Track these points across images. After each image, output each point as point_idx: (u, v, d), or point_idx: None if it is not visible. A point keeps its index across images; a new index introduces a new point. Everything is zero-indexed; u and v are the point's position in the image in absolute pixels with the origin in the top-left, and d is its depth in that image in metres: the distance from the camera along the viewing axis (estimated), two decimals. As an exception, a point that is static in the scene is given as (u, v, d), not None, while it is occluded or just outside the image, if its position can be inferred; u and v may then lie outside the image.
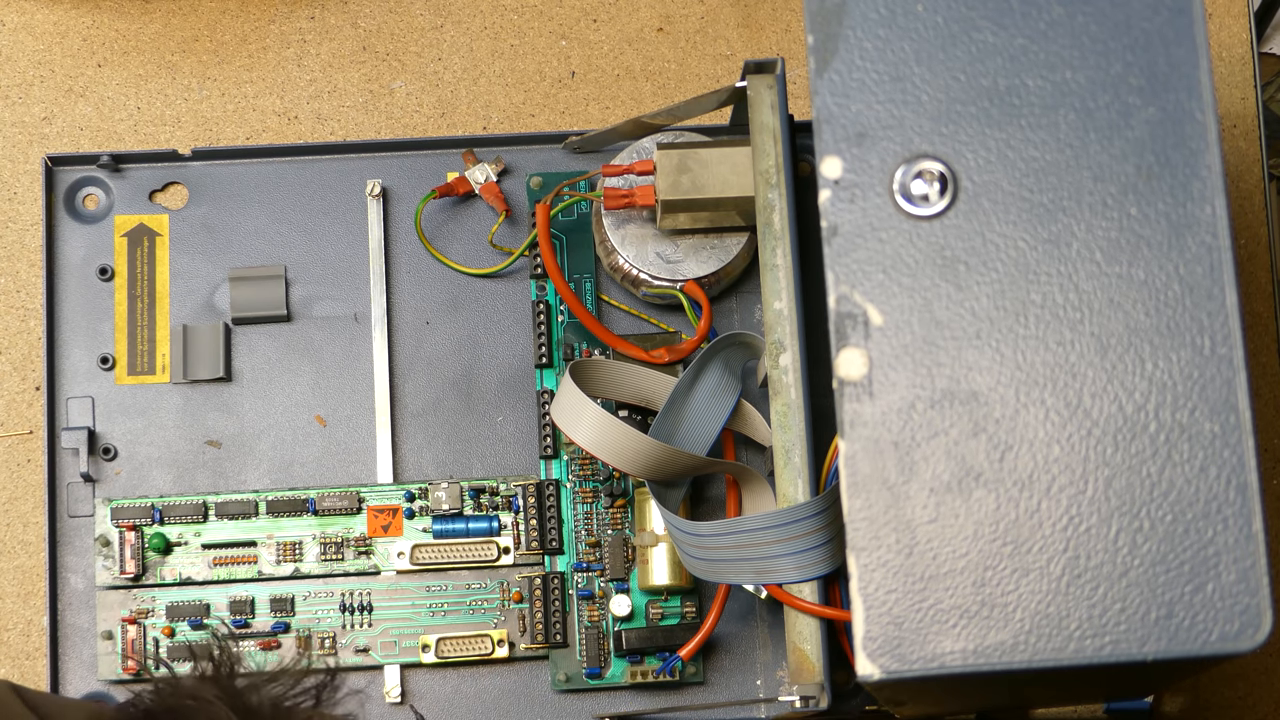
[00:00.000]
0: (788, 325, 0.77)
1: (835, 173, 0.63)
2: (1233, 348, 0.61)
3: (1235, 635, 0.60)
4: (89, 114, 0.89)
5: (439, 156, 0.87)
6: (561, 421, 0.78)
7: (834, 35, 0.64)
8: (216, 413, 0.85)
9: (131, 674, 0.82)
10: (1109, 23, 0.64)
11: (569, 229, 0.86)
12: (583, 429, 0.77)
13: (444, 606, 0.83)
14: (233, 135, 0.89)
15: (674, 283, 0.83)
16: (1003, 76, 0.63)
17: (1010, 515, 0.61)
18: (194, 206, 0.87)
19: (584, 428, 0.77)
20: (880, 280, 0.62)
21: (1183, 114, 0.63)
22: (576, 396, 0.77)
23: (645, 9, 0.91)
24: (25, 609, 0.84)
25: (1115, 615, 0.60)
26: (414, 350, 0.86)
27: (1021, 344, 0.62)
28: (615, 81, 0.90)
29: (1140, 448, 0.61)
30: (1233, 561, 0.60)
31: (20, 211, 0.87)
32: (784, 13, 0.91)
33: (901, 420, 0.62)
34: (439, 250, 0.86)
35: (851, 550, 0.61)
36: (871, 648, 0.60)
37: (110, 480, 0.84)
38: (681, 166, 0.80)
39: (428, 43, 0.90)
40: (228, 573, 0.83)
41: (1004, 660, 0.60)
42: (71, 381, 0.85)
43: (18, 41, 0.89)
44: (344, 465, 0.85)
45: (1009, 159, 0.63)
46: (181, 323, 0.85)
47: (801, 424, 0.75)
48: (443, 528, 0.83)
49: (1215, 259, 0.62)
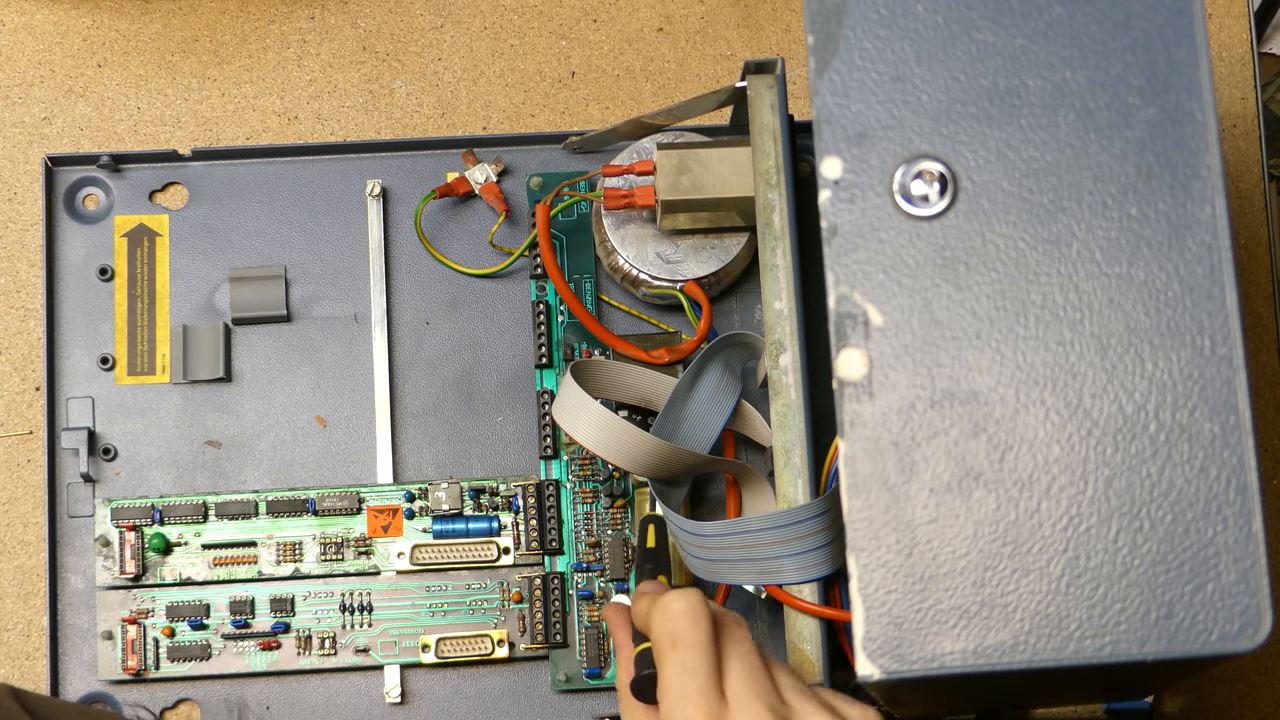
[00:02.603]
0: (788, 325, 0.77)
1: (835, 173, 0.63)
2: (1233, 348, 0.61)
3: (1235, 635, 0.60)
4: (89, 114, 0.89)
5: (439, 156, 0.87)
6: (563, 420, 0.78)
7: (834, 35, 0.64)
8: (216, 413, 0.85)
9: (131, 674, 0.82)
10: (1109, 23, 0.64)
11: (569, 229, 0.86)
12: (584, 427, 0.77)
13: (444, 606, 0.83)
14: (233, 135, 0.89)
15: (674, 283, 0.83)
16: (1003, 76, 0.63)
17: (1010, 515, 0.61)
18: (194, 206, 0.87)
19: (585, 426, 0.77)
20: (880, 280, 0.62)
21: (1183, 114, 0.63)
22: (578, 395, 0.77)
23: (645, 9, 0.91)
24: (25, 609, 0.84)
25: (1115, 615, 0.60)
26: (414, 350, 0.86)
27: (1021, 344, 0.62)
28: (615, 81, 0.90)
29: (1140, 448, 0.61)
30: (1233, 561, 0.60)
31: (20, 211, 0.87)
32: (784, 13, 0.91)
33: (901, 420, 0.62)
34: (439, 250, 0.86)
35: (851, 550, 0.61)
36: (871, 648, 0.60)
37: (110, 480, 0.84)
38: (681, 167, 0.80)
39: (428, 43, 0.90)
40: (228, 573, 0.83)
41: (1004, 660, 0.60)
42: (71, 381, 0.85)
43: (18, 41, 0.89)
44: (344, 465, 0.85)
45: (1009, 159, 0.63)
46: (181, 323, 0.85)
47: (801, 424, 0.75)
48: (443, 528, 0.83)
49: (1215, 259, 0.62)
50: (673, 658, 0.66)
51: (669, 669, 0.66)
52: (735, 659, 0.66)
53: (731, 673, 0.66)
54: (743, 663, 0.66)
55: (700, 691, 0.65)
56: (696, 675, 0.65)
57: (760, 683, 0.66)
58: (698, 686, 0.65)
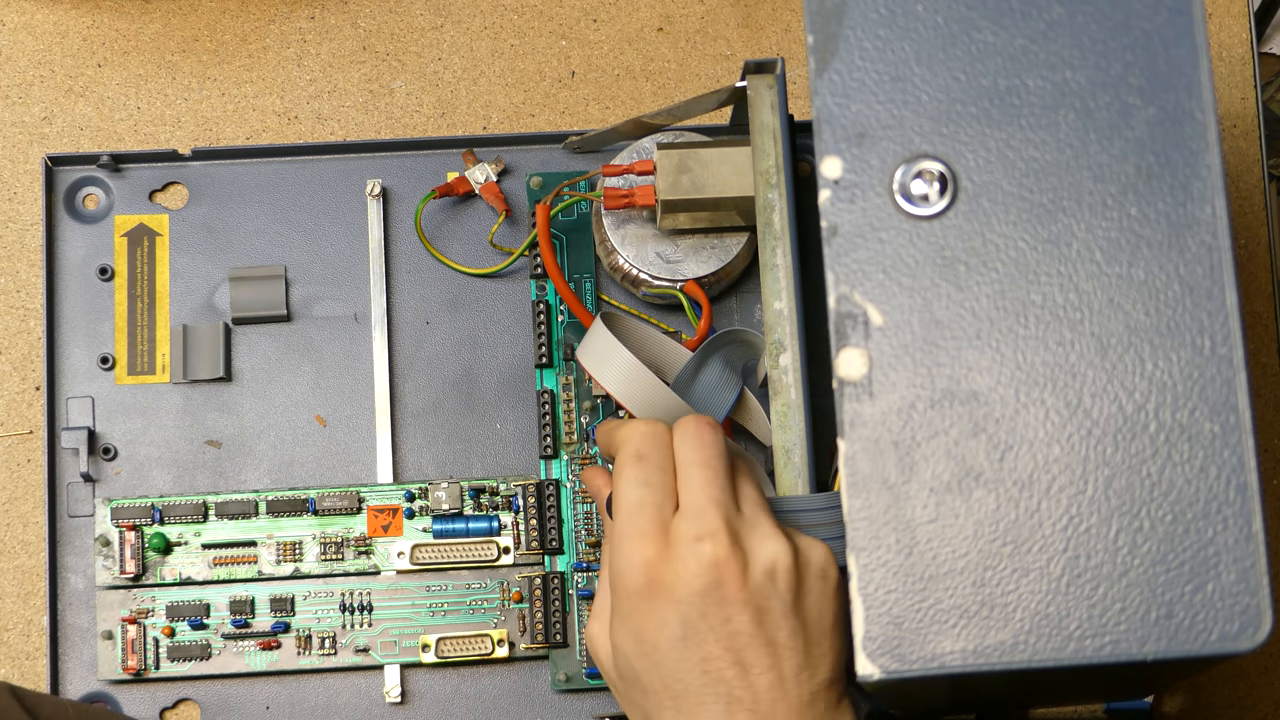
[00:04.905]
0: (788, 325, 0.77)
1: (835, 173, 0.63)
2: (1233, 348, 0.61)
3: (1235, 635, 0.60)
4: (89, 114, 0.89)
5: (439, 156, 0.87)
6: (589, 364, 0.78)
7: (834, 35, 0.64)
8: (216, 413, 0.85)
9: (131, 674, 0.82)
10: (1109, 23, 0.64)
11: (569, 229, 0.86)
12: (612, 373, 0.77)
13: (444, 606, 0.83)
14: (233, 135, 0.89)
15: (674, 283, 0.83)
16: (1003, 76, 0.63)
17: (1010, 515, 0.61)
18: (194, 206, 0.87)
19: (613, 372, 0.77)
20: (880, 280, 0.62)
21: (1183, 114, 0.63)
22: (609, 341, 0.77)
23: (645, 9, 0.91)
24: (25, 609, 0.84)
25: (1115, 615, 0.60)
26: (414, 350, 0.86)
27: (1021, 344, 0.62)
28: (615, 81, 0.90)
29: (1140, 448, 0.61)
30: (1233, 561, 0.60)
31: (20, 211, 0.87)
32: (784, 13, 0.91)
33: (901, 420, 0.62)
34: (439, 250, 0.86)
35: (851, 550, 0.61)
36: (871, 648, 0.60)
37: (110, 480, 0.84)
38: (681, 166, 0.80)
39: (428, 43, 0.90)
40: (228, 573, 0.83)
41: (1004, 660, 0.60)
42: (71, 381, 0.85)
43: (18, 41, 0.89)
44: (344, 465, 0.85)
45: (1009, 159, 0.63)
46: (181, 323, 0.85)
47: (801, 424, 0.75)
48: (443, 528, 0.83)
49: (1215, 259, 0.62)
50: (631, 472, 0.67)
51: (625, 481, 0.67)
52: (694, 466, 0.67)
53: (689, 480, 0.67)
54: (701, 470, 0.67)
55: (655, 504, 0.67)
56: (654, 489, 0.67)
57: (718, 489, 0.67)
58: (654, 500, 0.67)
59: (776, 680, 0.65)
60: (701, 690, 0.65)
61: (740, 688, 0.65)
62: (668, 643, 0.66)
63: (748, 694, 0.65)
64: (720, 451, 0.68)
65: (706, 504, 0.66)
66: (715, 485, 0.67)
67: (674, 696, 0.66)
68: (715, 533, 0.65)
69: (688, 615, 0.65)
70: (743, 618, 0.65)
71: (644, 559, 0.66)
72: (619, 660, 0.68)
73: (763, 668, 0.65)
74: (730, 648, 0.65)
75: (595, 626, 0.71)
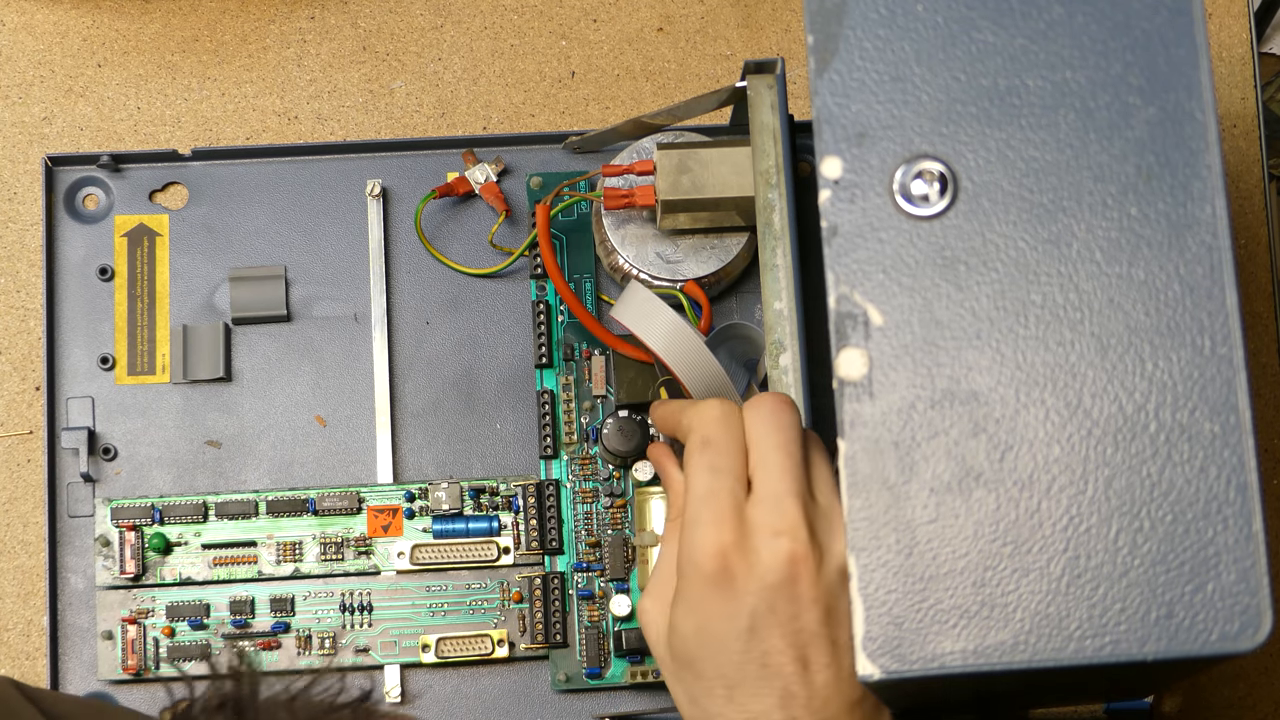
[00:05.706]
0: (788, 325, 0.77)
1: (835, 173, 0.63)
2: (1233, 348, 0.61)
3: (1235, 635, 0.60)
4: (89, 114, 0.89)
5: (439, 156, 0.87)
6: (629, 320, 0.77)
7: (834, 35, 0.64)
8: (216, 413, 0.85)
9: (131, 674, 0.82)
10: (1109, 23, 0.64)
11: (569, 229, 0.86)
12: (656, 329, 0.77)
13: (444, 606, 0.83)
14: (233, 135, 0.89)
15: (674, 283, 0.83)
16: (1003, 76, 0.63)
17: (1010, 515, 0.61)
18: (194, 206, 0.87)
19: (658, 329, 0.77)
20: (880, 280, 0.62)
21: (1183, 114, 0.63)
22: (650, 299, 0.77)
23: (645, 9, 0.91)
24: (25, 609, 0.84)
25: (1115, 615, 0.60)
26: (414, 350, 0.86)
27: (1021, 344, 0.62)
28: (615, 81, 0.90)
29: (1140, 448, 0.61)
30: (1233, 561, 0.60)
31: (20, 211, 0.87)
32: (784, 13, 0.91)
33: (901, 420, 0.62)
34: (439, 250, 0.86)
35: (851, 550, 0.61)
36: (871, 648, 0.60)
37: (110, 480, 0.84)
38: (681, 166, 0.80)
39: (428, 43, 0.90)
40: (228, 573, 0.83)
41: (1004, 660, 0.60)
42: (71, 381, 0.85)
43: (18, 41, 0.89)
44: (344, 465, 0.85)
45: (1009, 159, 0.63)
46: (181, 323, 0.85)
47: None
48: (443, 528, 0.83)
49: (1215, 259, 0.62)
50: (700, 458, 0.66)
51: (695, 468, 0.66)
52: (772, 450, 0.65)
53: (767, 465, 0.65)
54: (779, 455, 0.65)
55: (727, 490, 0.65)
56: (725, 475, 0.65)
57: (796, 478, 0.65)
58: (726, 485, 0.65)
59: (834, 678, 0.64)
60: (758, 682, 0.65)
61: (797, 683, 0.64)
62: (732, 634, 0.65)
63: (803, 690, 0.64)
64: (798, 435, 0.66)
65: (785, 494, 0.65)
66: (793, 474, 0.65)
67: (728, 685, 0.65)
68: (794, 528, 0.64)
69: (756, 608, 0.64)
70: (811, 615, 0.64)
71: (718, 546, 0.65)
72: (675, 641, 0.67)
73: (822, 665, 0.64)
74: (795, 644, 0.64)
75: (649, 603, 0.69)
